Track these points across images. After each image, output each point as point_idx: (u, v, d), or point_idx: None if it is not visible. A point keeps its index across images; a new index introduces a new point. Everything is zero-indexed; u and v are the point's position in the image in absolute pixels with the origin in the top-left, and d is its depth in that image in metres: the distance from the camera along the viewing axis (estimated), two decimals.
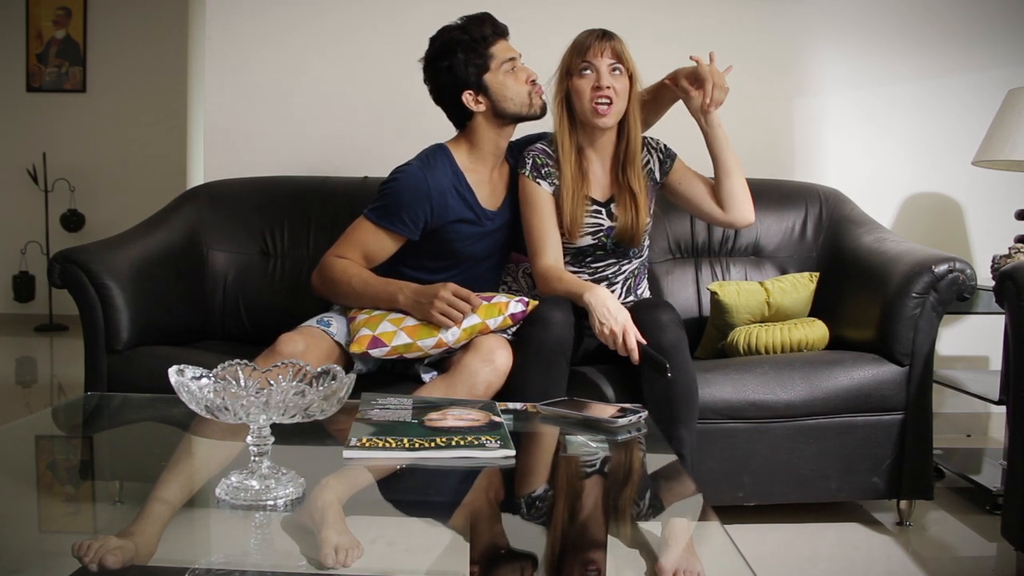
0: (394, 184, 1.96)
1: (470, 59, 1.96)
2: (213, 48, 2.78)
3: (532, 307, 1.90)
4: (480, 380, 1.79)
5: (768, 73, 2.84)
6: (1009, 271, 1.72)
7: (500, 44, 1.99)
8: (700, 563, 0.99)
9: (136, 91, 5.44)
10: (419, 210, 1.95)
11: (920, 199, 2.90)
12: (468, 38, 1.96)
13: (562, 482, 1.31)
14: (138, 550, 0.96)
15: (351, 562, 0.93)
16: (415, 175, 1.96)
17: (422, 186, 1.94)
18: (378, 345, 1.84)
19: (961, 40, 2.88)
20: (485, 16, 2.00)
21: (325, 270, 2.00)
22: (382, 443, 1.24)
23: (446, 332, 1.84)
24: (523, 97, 1.99)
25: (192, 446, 1.42)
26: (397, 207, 1.95)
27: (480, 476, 1.26)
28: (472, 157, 2.04)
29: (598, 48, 1.94)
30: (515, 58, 2.01)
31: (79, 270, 2.02)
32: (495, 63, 1.97)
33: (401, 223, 1.95)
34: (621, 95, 1.95)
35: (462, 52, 1.96)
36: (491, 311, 1.87)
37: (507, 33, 2.02)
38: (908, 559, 1.92)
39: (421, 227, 1.97)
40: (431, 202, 1.95)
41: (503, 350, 1.83)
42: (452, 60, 1.96)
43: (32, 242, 5.31)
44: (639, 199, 2.01)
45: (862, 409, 1.99)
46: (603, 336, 1.82)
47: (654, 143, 2.10)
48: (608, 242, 2.05)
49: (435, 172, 1.97)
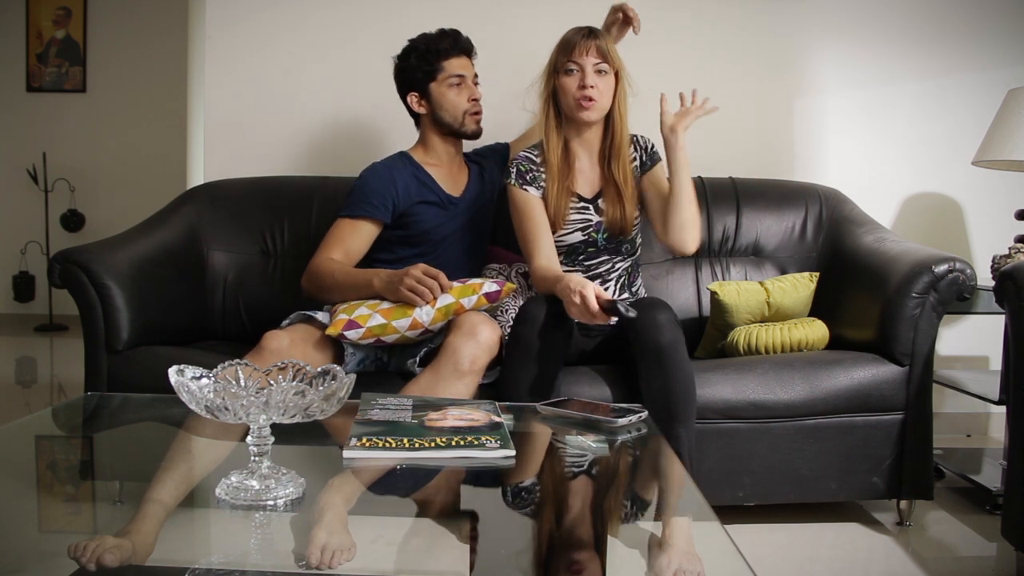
0: (359, 180, 2.15)
1: (420, 65, 2.15)
2: (213, 48, 2.78)
3: (508, 288, 1.91)
4: (464, 355, 1.80)
5: (768, 73, 2.84)
6: (1009, 271, 1.72)
7: (456, 60, 2.16)
8: (701, 563, 0.99)
9: (136, 91, 5.44)
10: (385, 193, 2.11)
11: (920, 199, 2.90)
12: (425, 47, 2.15)
13: (562, 482, 1.31)
14: (136, 549, 0.96)
15: (337, 563, 0.93)
16: (376, 167, 2.17)
17: (384, 173, 2.14)
18: (353, 327, 1.88)
19: (961, 40, 2.87)
20: (451, 32, 2.17)
21: (312, 272, 2.09)
22: (382, 443, 1.24)
23: (420, 312, 1.89)
24: (457, 113, 2.16)
25: (187, 445, 1.42)
26: (366, 195, 2.11)
27: (480, 476, 1.26)
28: (428, 156, 2.22)
29: (583, 47, 1.97)
30: (464, 76, 2.16)
31: (79, 270, 2.02)
32: (442, 75, 2.15)
33: (372, 207, 2.10)
34: (605, 93, 1.99)
35: (415, 57, 2.16)
36: (465, 291, 1.92)
37: (470, 52, 2.20)
38: (908, 559, 1.92)
39: (391, 209, 2.11)
40: (395, 186, 2.12)
41: (486, 325, 1.85)
42: (406, 62, 2.17)
43: (32, 242, 5.31)
44: (624, 192, 2.04)
45: (862, 409, 1.99)
46: (572, 313, 1.79)
47: (642, 142, 2.13)
48: (599, 237, 2.06)
49: (395, 166, 2.17)
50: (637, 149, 2.11)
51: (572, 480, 1.32)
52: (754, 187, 2.57)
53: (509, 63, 2.28)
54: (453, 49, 2.15)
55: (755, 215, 2.51)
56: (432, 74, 2.15)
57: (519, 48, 2.11)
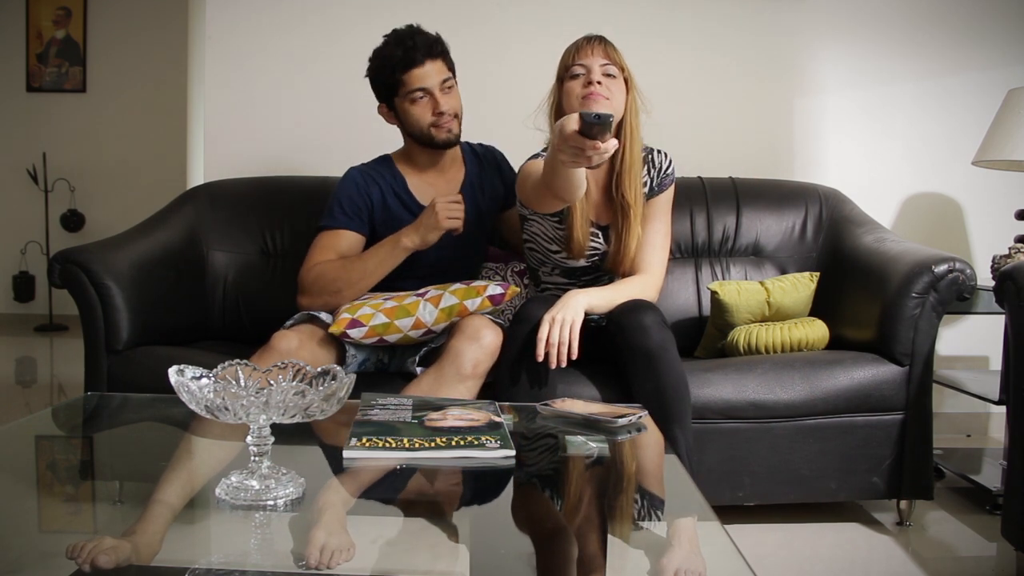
0: (337, 190, 2.08)
1: (381, 79, 2.05)
2: (213, 48, 2.78)
3: (512, 292, 1.91)
4: (467, 359, 1.80)
5: (768, 73, 2.85)
6: (1009, 271, 1.72)
7: (416, 71, 1.99)
8: (703, 563, 0.99)
9: (136, 91, 5.44)
10: (359, 201, 2.05)
11: (920, 199, 2.90)
12: (381, 62, 2.03)
13: (562, 482, 1.31)
14: (139, 551, 0.96)
15: (336, 564, 0.93)
16: (349, 174, 2.11)
17: (356, 178, 2.08)
18: (356, 326, 1.87)
19: (961, 40, 2.88)
20: (406, 38, 2.00)
21: (313, 280, 1.99)
22: (382, 443, 1.24)
23: (423, 311, 1.87)
24: (422, 128, 2.05)
25: (193, 446, 1.42)
26: (339, 203, 2.05)
27: (480, 476, 1.26)
28: (409, 163, 2.14)
29: (588, 48, 1.90)
30: (427, 88, 2.00)
31: (79, 270, 2.02)
32: (403, 90, 2.02)
33: (345, 216, 2.04)
34: (616, 94, 1.89)
35: (375, 71, 2.06)
36: (469, 292, 1.90)
37: (434, 54, 2.01)
38: (908, 559, 1.92)
39: (367, 219, 2.06)
40: (370, 196, 2.06)
41: (489, 329, 1.84)
42: (371, 75, 2.08)
43: (32, 242, 5.31)
44: (632, 218, 1.94)
45: (862, 409, 1.99)
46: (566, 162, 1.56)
47: (656, 162, 2.02)
48: (603, 266, 2.04)
49: (371, 172, 2.11)
50: (650, 171, 2.02)
51: (572, 480, 1.32)
52: (754, 187, 2.57)
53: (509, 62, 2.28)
54: (409, 59, 1.98)
55: (755, 215, 2.51)
56: (394, 88, 2.03)
57: (514, 47, 2.09)
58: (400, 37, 2.01)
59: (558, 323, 1.76)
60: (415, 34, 2.01)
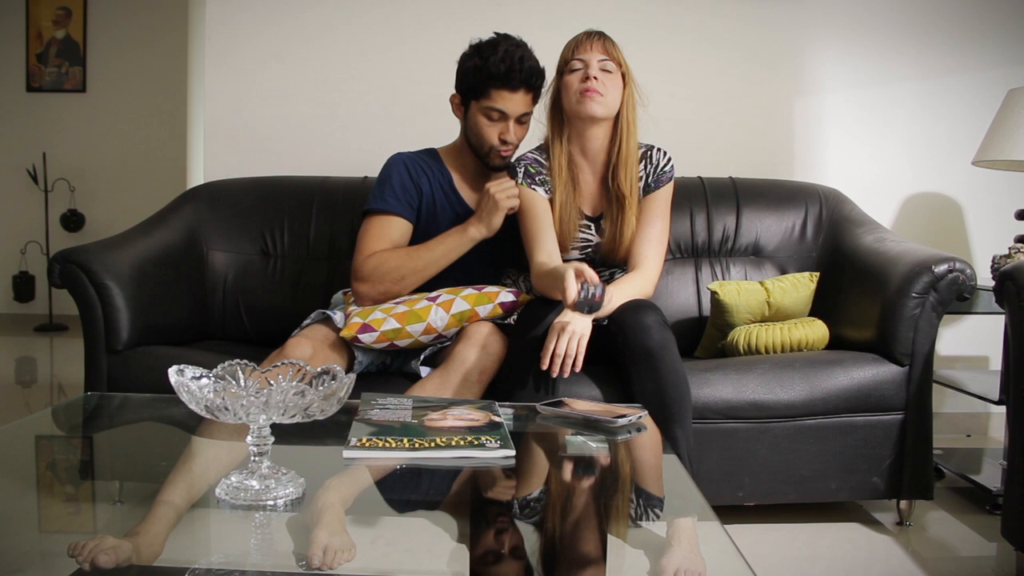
0: (385, 173, 2.07)
1: (471, 78, 2.00)
2: (213, 48, 2.78)
3: (523, 299, 1.90)
4: (474, 366, 1.80)
5: (768, 73, 2.85)
6: (1009, 271, 1.72)
7: (505, 93, 1.97)
8: (703, 563, 0.99)
9: (136, 91, 5.44)
10: (410, 188, 2.04)
11: (920, 199, 2.90)
12: (480, 63, 1.97)
13: (562, 482, 1.31)
14: (141, 551, 0.96)
15: (338, 564, 0.93)
16: (397, 158, 2.09)
17: (407, 163, 2.07)
18: (368, 330, 1.85)
19: (961, 40, 2.88)
20: (514, 59, 1.95)
21: (372, 268, 1.95)
22: (382, 443, 1.24)
23: (434, 316, 1.86)
24: (482, 145, 2.04)
25: (197, 448, 1.42)
26: (390, 187, 2.03)
27: (480, 476, 1.26)
28: (458, 164, 2.12)
29: (587, 43, 1.94)
30: (506, 113, 1.99)
31: (79, 270, 2.02)
32: (485, 100, 1.99)
33: (397, 200, 2.02)
34: (612, 91, 1.93)
35: (471, 68, 2.00)
36: (481, 299, 1.89)
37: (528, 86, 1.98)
38: (908, 559, 1.92)
39: (416, 207, 2.05)
40: (419, 185, 2.05)
41: (495, 336, 1.85)
42: (464, 66, 2.03)
43: (32, 242, 5.31)
44: (627, 213, 1.96)
45: (862, 409, 1.99)
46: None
47: (654, 159, 2.03)
48: (597, 257, 2.05)
49: (419, 162, 2.09)
50: (647, 167, 2.03)
51: (572, 480, 1.32)
52: (754, 187, 2.57)
53: None
54: (507, 80, 1.96)
55: (755, 215, 2.51)
56: (478, 93, 2.00)
57: None
58: (510, 53, 1.96)
59: (567, 334, 1.75)
60: (525, 58, 1.97)
